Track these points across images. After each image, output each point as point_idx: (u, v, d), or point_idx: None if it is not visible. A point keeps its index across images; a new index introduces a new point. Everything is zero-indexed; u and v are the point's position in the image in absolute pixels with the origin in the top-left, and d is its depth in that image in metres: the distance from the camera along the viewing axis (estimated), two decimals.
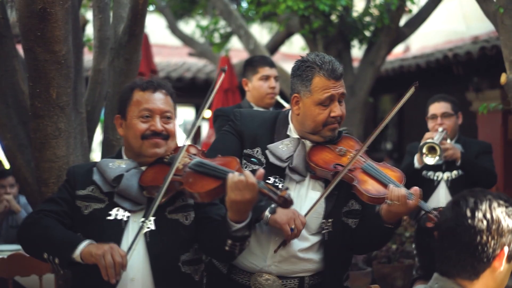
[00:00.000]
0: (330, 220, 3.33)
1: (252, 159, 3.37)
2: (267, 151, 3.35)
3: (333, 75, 3.27)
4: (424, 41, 12.89)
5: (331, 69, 3.27)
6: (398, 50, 13.05)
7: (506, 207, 2.23)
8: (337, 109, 3.29)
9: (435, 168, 5.75)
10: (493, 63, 8.61)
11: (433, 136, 5.62)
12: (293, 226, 3.14)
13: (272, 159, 3.33)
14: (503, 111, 8.56)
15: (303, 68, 3.33)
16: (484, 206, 2.21)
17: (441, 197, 5.64)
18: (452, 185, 5.64)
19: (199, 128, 17.18)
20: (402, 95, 3.27)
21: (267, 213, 3.17)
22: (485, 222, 2.18)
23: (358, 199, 3.32)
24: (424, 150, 5.58)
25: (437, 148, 5.50)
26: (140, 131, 3.09)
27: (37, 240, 2.97)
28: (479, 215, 2.19)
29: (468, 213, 2.19)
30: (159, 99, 3.14)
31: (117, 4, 4.51)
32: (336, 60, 3.35)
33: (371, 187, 3.25)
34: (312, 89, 3.28)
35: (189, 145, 3.15)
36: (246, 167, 3.34)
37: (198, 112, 3.03)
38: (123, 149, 3.25)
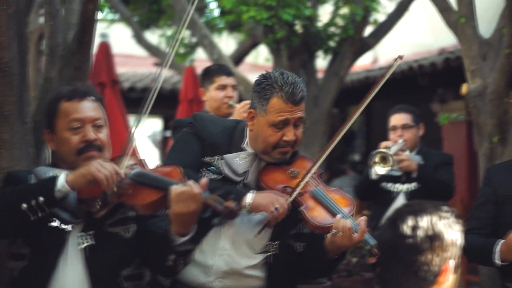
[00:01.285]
0: (276, 242, 3.21)
1: (211, 167, 3.23)
2: (222, 162, 3.21)
3: (291, 99, 3.12)
4: (392, 53, 12.80)
5: (290, 93, 3.12)
6: (366, 62, 13.05)
7: (447, 218, 2.14)
8: (290, 134, 3.15)
9: (394, 179, 5.70)
10: (458, 74, 8.62)
11: (389, 145, 5.56)
12: (277, 206, 3.02)
13: (226, 171, 3.19)
14: (467, 122, 8.57)
15: (263, 85, 3.18)
16: (425, 222, 2.11)
17: None
18: (411, 197, 5.57)
19: (166, 139, 17.02)
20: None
21: (247, 200, 3.04)
22: (427, 241, 2.09)
23: None
24: (376, 159, 5.52)
25: (389, 158, 5.45)
26: (74, 146, 2.96)
27: (8, 200, 2.80)
28: (420, 233, 2.09)
29: (408, 232, 2.09)
30: (88, 107, 3.00)
31: (67, 10, 4.39)
32: (301, 80, 3.22)
33: (317, 214, 3.12)
34: (267, 109, 3.14)
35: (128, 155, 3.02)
36: (204, 176, 3.20)
37: (145, 106, 2.93)
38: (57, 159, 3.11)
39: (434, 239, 2.09)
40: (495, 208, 3.90)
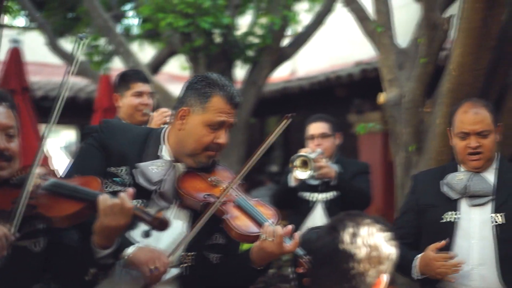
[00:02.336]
0: (191, 253, 3.07)
1: (115, 178, 3.04)
2: (134, 171, 3.03)
3: (232, 101, 3.06)
4: (310, 65, 13.01)
5: (232, 94, 3.07)
6: (284, 73, 13.11)
7: (385, 231, 2.13)
8: (223, 137, 3.07)
9: (311, 188, 5.68)
10: (375, 85, 8.74)
11: (308, 152, 5.53)
12: (153, 267, 2.86)
13: (140, 180, 3.02)
14: (383, 132, 8.66)
15: (204, 83, 3.08)
16: (364, 232, 2.09)
17: (317, 218, 5.56)
18: (329, 206, 5.57)
19: None
20: (277, 126, 3.09)
21: (126, 253, 2.85)
22: (365, 250, 2.06)
23: (224, 233, 3.08)
24: (297, 163, 5.48)
25: (309, 162, 5.42)
26: None
27: None
28: (359, 241, 2.07)
29: (348, 239, 2.07)
30: (0, 114, 2.80)
31: None
32: None
33: (241, 223, 3.02)
34: (207, 107, 3.04)
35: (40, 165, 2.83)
36: (107, 188, 3.00)
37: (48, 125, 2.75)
38: None
39: (371, 249, 2.07)
40: (418, 216, 3.91)
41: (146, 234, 2.80)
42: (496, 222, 3.71)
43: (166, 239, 3.02)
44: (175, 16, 7.74)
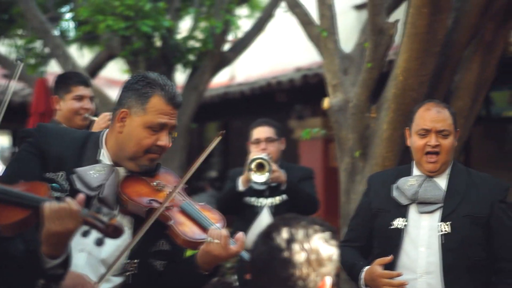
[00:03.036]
0: (135, 260, 2.96)
1: (53, 184, 2.89)
2: (73, 176, 2.90)
3: (173, 101, 2.94)
4: (249, 71, 13.01)
5: (173, 94, 2.94)
6: (224, 79, 13.07)
7: (322, 231, 2.04)
8: (165, 139, 2.94)
9: (257, 194, 5.62)
10: (315, 91, 8.76)
11: (260, 155, 5.47)
12: None
13: (79, 185, 2.88)
14: (324, 138, 8.69)
15: (143, 83, 2.94)
16: (300, 235, 2.00)
17: (264, 223, 5.48)
18: (276, 211, 5.51)
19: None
20: (210, 142, 3.03)
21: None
22: (303, 254, 1.98)
23: (169, 239, 2.98)
24: (253, 167, 5.42)
25: (266, 164, 5.36)
26: None
27: None
28: (295, 246, 1.98)
29: (283, 245, 1.99)
30: None
31: None
32: None
33: (188, 229, 2.93)
34: (147, 108, 2.91)
35: None
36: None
37: None
38: None
39: (310, 252, 2.00)
40: (370, 219, 3.86)
41: (99, 242, 2.67)
42: (442, 231, 3.66)
43: (109, 247, 2.90)
44: (114, 19, 7.59)
